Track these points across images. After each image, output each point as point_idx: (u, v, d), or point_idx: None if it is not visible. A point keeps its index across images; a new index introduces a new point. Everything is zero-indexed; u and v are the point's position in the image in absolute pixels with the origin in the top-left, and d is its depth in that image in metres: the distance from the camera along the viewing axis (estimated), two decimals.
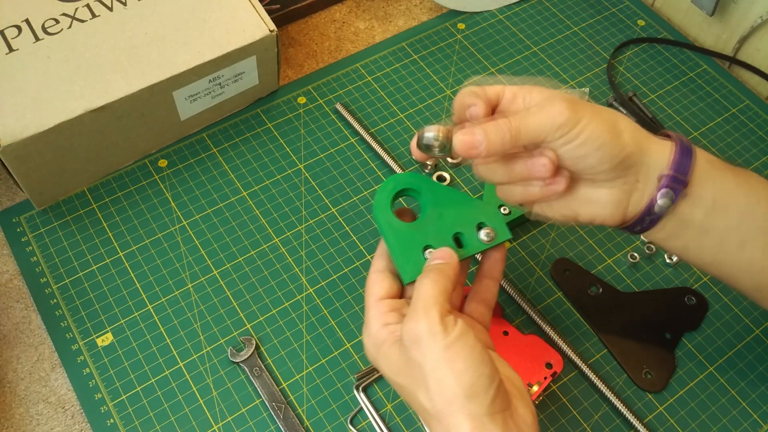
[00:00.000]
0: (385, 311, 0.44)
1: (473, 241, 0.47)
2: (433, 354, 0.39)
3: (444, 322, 0.40)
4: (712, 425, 0.56)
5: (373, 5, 0.83)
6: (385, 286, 0.45)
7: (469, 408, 0.38)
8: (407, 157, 0.70)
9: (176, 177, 0.68)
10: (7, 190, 0.67)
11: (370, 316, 0.44)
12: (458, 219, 0.47)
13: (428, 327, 0.40)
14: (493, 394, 0.39)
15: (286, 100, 0.73)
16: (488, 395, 0.39)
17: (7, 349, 0.58)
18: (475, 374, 0.39)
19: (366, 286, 0.47)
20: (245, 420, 0.55)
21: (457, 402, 0.39)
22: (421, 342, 0.40)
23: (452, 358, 0.39)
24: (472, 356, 0.39)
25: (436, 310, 0.41)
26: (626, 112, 0.74)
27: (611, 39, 0.80)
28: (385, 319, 0.44)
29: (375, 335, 0.43)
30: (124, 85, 0.61)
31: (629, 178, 0.45)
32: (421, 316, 0.40)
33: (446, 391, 0.39)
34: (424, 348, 0.40)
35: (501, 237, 0.48)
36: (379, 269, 0.47)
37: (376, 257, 0.47)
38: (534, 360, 0.57)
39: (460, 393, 0.38)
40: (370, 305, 0.45)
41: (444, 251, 0.45)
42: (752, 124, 0.74)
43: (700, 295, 0.62)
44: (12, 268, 0.62)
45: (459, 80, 0.76)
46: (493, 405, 0.39)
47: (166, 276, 0.62)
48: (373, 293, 0.45)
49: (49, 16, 0.65)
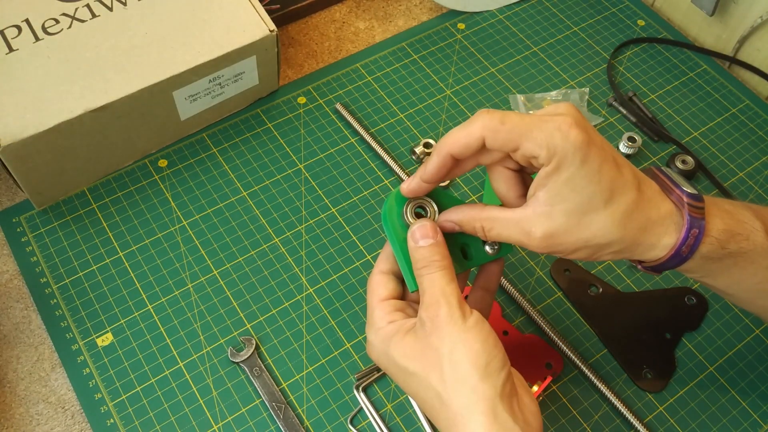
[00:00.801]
0: (390, 311, 0.45)
1: (479, 253, 0.48)
2: (452, 337, 0.41)
3: (462, 309, 0.42)
4: (712, 425, 0.56)
5: (373, 5, 0.83)
6: (389, 288, 0.46)
7: (482, 388, 0.40)
8: (407, 157, 0.70)
9: (176, 177, 0.68)
10: (7, 190, 0.67)
11: (376, 316, 0.45)
12: None
13: (449, 312, 0.41)
14: (504, 377, 0.40)
15: (286, 100, 0.73)
16: (500, 378, 0.40)
17: (7, 349, 0.58)
18: (489, 356, 0.40)
19: (369, 286, 0.47)
20: (245, 420, 0.55)
21: (471, 381, 0.40)
22: (441, 326, 0.41)
23: (470, 340, 0.41)
24: (488, 340, 0.41)
25: (455, 297, 0.42)
26: (626, 112, 0.74)
27: (611, 39, 0.80)
28: (391, 317, 0.45)
29: (383, 330, 0.44)
30: (124, 85, 0.61)
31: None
32: (441, 302, 0.42)
33: (461, 371, 0.40)
34: (444, 331, 0.41)
35: (505, 250, 0.48)
36: (383, 271, 0.47)
37: (380, 259, 0.48)
38: (534, 360, 0.57)
39: (475, 373, 0.40)
40: (375, 305, 0.46)
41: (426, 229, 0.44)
42: (752, 124, 0.74)
43: (700, 295, 0.62)
44: (12, 268, 0.62)
45: (459, 80, 0.76)
46: (504, 388, 0.40)
47: (166, 276, 0.62)
48: (378, 294, 0.46)
49: (49, 16, 0.65)
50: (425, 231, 0.44)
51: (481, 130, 0.42)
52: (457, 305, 0.42)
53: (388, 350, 0.44)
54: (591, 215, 0.41)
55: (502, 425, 0.39)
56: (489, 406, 0.39)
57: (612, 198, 0.41)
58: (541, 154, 0.40)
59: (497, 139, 0.42)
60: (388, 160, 0.69)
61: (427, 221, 0.45)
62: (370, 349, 0.46)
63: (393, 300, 0.46)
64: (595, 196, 0.41)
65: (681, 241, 0.42)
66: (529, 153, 0.41)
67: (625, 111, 0.74)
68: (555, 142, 0.40)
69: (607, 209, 0.41)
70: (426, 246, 0.44)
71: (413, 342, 0.43)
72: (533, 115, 0.42)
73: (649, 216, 0.42)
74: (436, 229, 0.45)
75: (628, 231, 0.42)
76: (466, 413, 0.40)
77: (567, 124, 0.40)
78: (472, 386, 0.40)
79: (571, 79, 0.77)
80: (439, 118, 0.73)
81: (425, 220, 0.45)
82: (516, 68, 0.77)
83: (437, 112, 0.73)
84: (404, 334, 0.43)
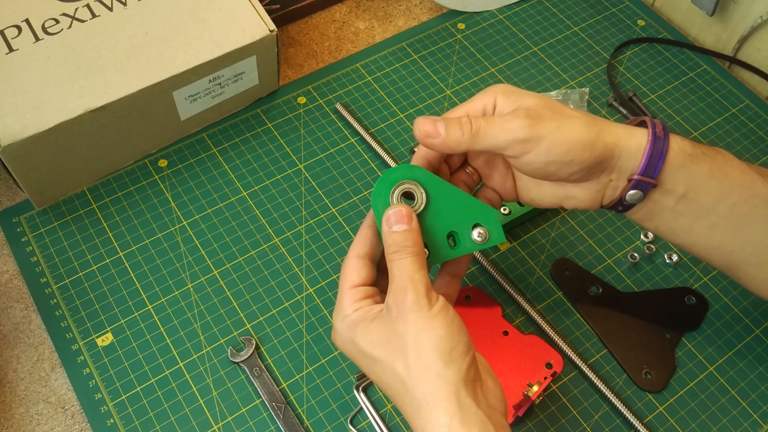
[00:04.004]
0: (359, 298, 0.45)
1: (466, 241, 0.48)
2: (418, 324, 0.41)
3: (428, 296, 0.42)
4: (712, 425, 0.56)
5: (373, 5, 0.83)
6: (362, 274, 0.46)
7: (446, 374, 0.40)
8: (407, 157, 0.70)
9: (176, 177, 0.68)
10: (7, 190, 0.67)
11: (344, 302, 0.46)
12: (455, 217, 0.47)
13: (416, 298, 0.42)
14: (468, 363, 0.41)
15: (286, 100, 0.74)
16: (464, 363, 0.41)
17: (7, 349, 0.58)
18: (453, 341, 0.41)
19: (342, 270, 0.47)
20: (245, 420, 0.55)
21: (435, 368, 0.40)
22: (406, 312, 0.42)
23: (434, 327, 0.41)
24: (452, 326, 0.42)
25: (422, 285, 0.43)
26: (626, 112, 0.74)
27: (611, 39, 0.80)
28: (358, 305, 0.45)
29: (350, 317, 0.45)
30: (124, 85, 0.61)
31: (602, 179, 0.48)
32: (409, 288, 0.42)
33: (425, 357, 0.41)
34: (409, 318, 0.42)
35: (494, 240, 0.48)
36: (358, 255, 0.47)
37: (357, 242, 0.47)
38: (534, 360, 0.57)
39: (439, 360, 0.41)
40: (345, 290, 0.46)
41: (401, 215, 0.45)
42: (752, 124, 0.74)
43: (700, 295, 0.62)
44: (12, 268, 0.62)
45: (459, 80, 0.76)
46: (468, 373, 0.41)
47: (166, 276, 0.62)
48: (349, 279, 0.46)
49: (49, 16, 0.65)
50: (400, 216, 0.45)
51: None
52: (424, 293, 0.42)
53: (354, 337, 0.44)
54: (557, 106, 0.46)
55: (465, 410, 0.40)
56: (452, 392, 0.40)
57: (566, 111, 0.47)
58: (487, 100, 0.48)
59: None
60: (388, 160, 0.69)
61: (403, 207, 0.46)
62: (335, 336, 0.46)
63: (364, 287, 0.46)
64: (550, 99, 0.47)
65: (651, 126, 0.47)
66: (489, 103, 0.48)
67: (625, 111, 0.74)
68: (491, 89, 0.49)
69: (572, 113, 0.47)
70: (399, 231, 0.45)
71: (379, 328, 0.43)
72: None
73: (610, 125, 0.47)
74: (411, 215, 0.45)
75: (593, 129, 0.46)
76: (431, 399, 0.40)
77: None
78: (436, 372, 0.40)
79: (571, 79, 0.77)
80: None
81: (401, 206, 0.46)
82: (516, 68, 0.77)
83: (437, 112, 0.73)
84: (370, 321, 0.44)
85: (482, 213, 0.48)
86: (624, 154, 0.46)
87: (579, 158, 0.46)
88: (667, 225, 0.50)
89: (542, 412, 0.56)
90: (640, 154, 0.46)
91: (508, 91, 0.48)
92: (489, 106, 0.48)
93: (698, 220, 0.49)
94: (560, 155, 0.45)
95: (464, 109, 0.48)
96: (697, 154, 0.47)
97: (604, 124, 0.47)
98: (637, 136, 0.47)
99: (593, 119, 0.47)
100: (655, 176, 0.47)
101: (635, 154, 0.46)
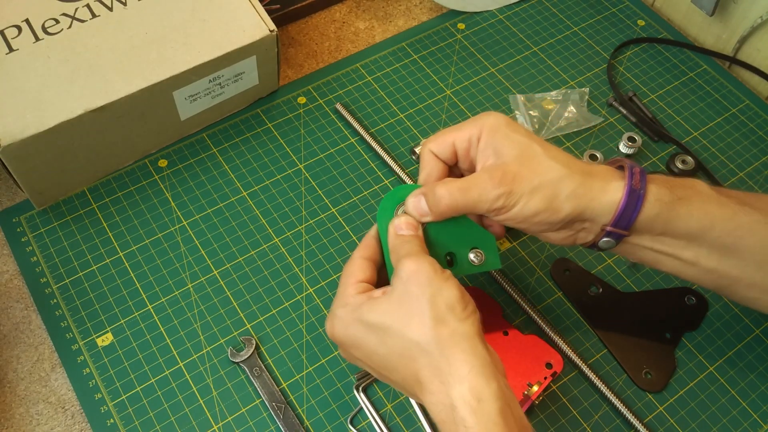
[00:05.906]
0: (361, 291, 0.47)
1: (463, 262, 0.50)
2: (433, 284, 0.43)
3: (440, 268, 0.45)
4: (712, 425, 0.56)
5: (373, 5, 0.83)
6: (367, 273, 0.48)
7: (463, 329, 0.42)
8: (407, 157, 0.70)
9: (176, 177, 0.68)
10: (7, 190, 0.67)
11: (348, 292, 0.47)
12: (455, 239, 0.50)
13: (431, 266, 0.44)
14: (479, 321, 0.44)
15: (286, 100, 0.74)
16: (477, 320, 0.43)
17: (7, 349, 0.58)
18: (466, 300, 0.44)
19: (347, 268, 0.48)
20: (245, 420, 0.55)
21: (452, 323, 0.42)
22: (421, 276, 0.44)
23: (449, 287, 0.44)
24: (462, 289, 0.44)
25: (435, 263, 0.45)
26: (626, 112, 0.74)
27: (611, 39, 0.80)
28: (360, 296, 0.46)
29: (354, 300, 0.46)
30: (124, 85, 0.61)
31: (575, 227, 0.49)
32: (423, 257, 0.45)
33: (443, 313, 0.43)
34: (423, 279, 0.43)
35: (490, 265, 0.50)
36: (364, 256, 0.49)
37: (362, 245, 0.50)
38: (534, 360, 0.57)
39: (454, 316, 0.43)
40: (348, 284, 0.47)
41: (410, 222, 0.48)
42: (752, 124, 0.74)
43: (700, 295, 0.62)
44: (12, 268, 0.62)
45: (459, 80, 0.76)
46: (480, 330, 0.44)
47: (166, 276, 0.62)
48: (354, 275, 0.48)
49: (49, 16, 0.65)
50: (407, 224, 0.48)
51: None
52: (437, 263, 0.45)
53: (361, 315, 0.45)
54: (535, 159, 0.47)
55: (483, 361, 0.41)
56: (470, 345, 0.42)
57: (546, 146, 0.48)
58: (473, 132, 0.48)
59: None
60: (388, 160, 0.69)
61: (410, 217, 0.48)
62: (334, 323, 0.47)
63: (366, 284, 0.47)
64: (533, 144, 0.47)
65: (628, 176, 0.47)
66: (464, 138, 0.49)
67: (625, 111, 0.74)
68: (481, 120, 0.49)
69: (548, 153, 0.47)
70: (407, 234, 0.47)
71: (388, 298, 0.44)
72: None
73: (589, 166, 0.48)
74: (417, 226, 0.48)
75: (573, 168, 0.47)
76: (449, 353, 0.42)
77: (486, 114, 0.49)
78: (453, 327, 0.42)
79: (571, 79, 0.77)
80: (439, 118, 0.73)
81: (409, 216, 0.48)
82: (516, 68, 0.77)
83: (437, 112, 0.73)
84: (375, 298, 0.45)
85: (481, 238, 0.50)
86: (597, 209, 0.47)
87: (547, 221, 0.47)
88: (649, 258, 0.51)
89: (542, 412, 0.56)
90: (614, 208, 0.47)
91: (494, 129, 0.48)
92: (474, 138, 0.49)
93: (681, 251, 0.49)
94: (528, 219, 0.47)
95: (452, 136, 0.50)
96: (673, 201, 0.47)
97: (578, 180, 0.47)
98: (611, 191, 0.47)
99: (567, 173, 0.47)
100: (628, 228, 0.47)
101: (608, 209, 0.47)
